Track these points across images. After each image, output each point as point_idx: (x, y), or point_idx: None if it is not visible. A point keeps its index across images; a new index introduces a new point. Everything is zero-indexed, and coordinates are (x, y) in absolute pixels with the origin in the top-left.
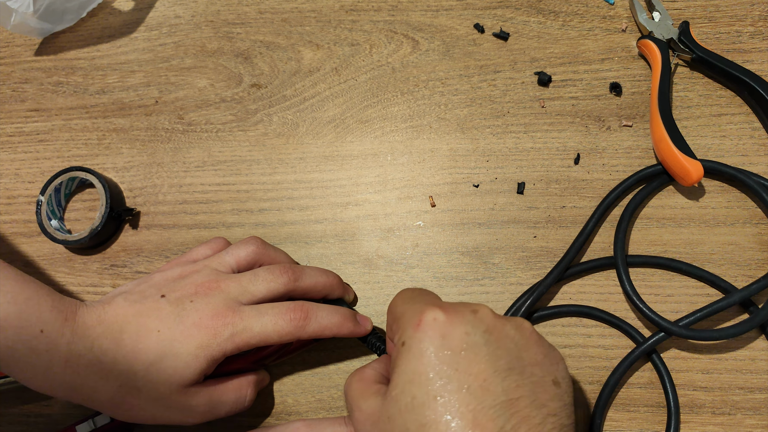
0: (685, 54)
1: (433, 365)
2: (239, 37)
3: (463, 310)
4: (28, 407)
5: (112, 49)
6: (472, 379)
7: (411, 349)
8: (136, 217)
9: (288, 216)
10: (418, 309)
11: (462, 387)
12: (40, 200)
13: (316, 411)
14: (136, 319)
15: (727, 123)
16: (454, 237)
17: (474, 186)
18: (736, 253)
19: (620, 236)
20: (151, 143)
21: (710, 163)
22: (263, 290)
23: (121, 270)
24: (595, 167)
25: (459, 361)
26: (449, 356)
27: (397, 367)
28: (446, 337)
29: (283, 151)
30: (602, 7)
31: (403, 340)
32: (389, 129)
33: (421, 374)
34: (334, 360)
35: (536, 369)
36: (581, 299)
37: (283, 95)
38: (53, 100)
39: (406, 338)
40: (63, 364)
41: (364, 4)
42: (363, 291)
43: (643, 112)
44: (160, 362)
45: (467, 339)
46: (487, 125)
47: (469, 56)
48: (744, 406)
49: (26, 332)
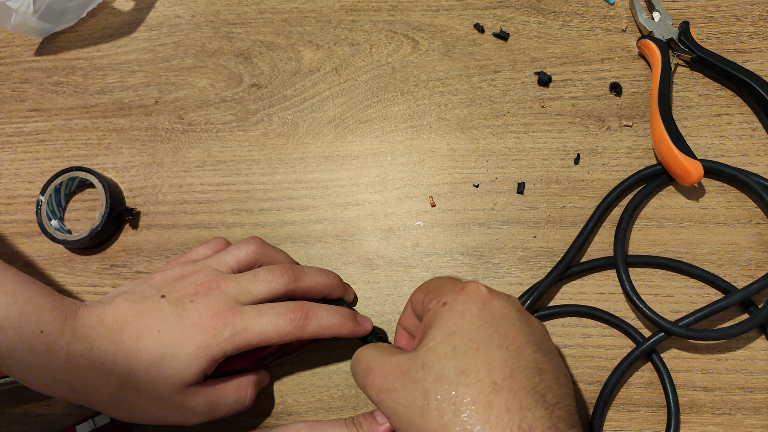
0: (685, 54)
1: (475, 322)
2: (239, 37)
3: (499, 291)
4: (28, 407)
5: (112, 49)
6: (509, 342)
7: (454, 307)
8: (136, 217)
9: (288, 216)
10: (458, 281)
11: (501, 346)
12: (40, 200)
13: (316, 411)
14: (136, 320)
15: (727, 123)
16: (454, 237)
17: (474, 186)
18: (736, 253)
19: (620, 236)
20: (151, 143)
21: (710, 163)
22: (263, 290)
23: (121, 270)
24: (595, 167)
25: (498, 324)
26: (490, 319)
27: (435, 323)
28: (487, 304)
29: (283, 151)
30: (602, 7)
31: (445, 301)
32: (389, 129)
33: (463, 328)
34: (334, 360)
35: (555, 357)
36: (581, 299)
37: (283, 95)
38: (53, 100)
39: (449, 299)
40: (63, 364)
41: (364, 4)
42: (363, 291)
43: (643, 112)
44: (160, 362)
45: (504, 311)
46: (487, 125)
47: (469, 56)
48: (744, 406)
49: (26, 332)
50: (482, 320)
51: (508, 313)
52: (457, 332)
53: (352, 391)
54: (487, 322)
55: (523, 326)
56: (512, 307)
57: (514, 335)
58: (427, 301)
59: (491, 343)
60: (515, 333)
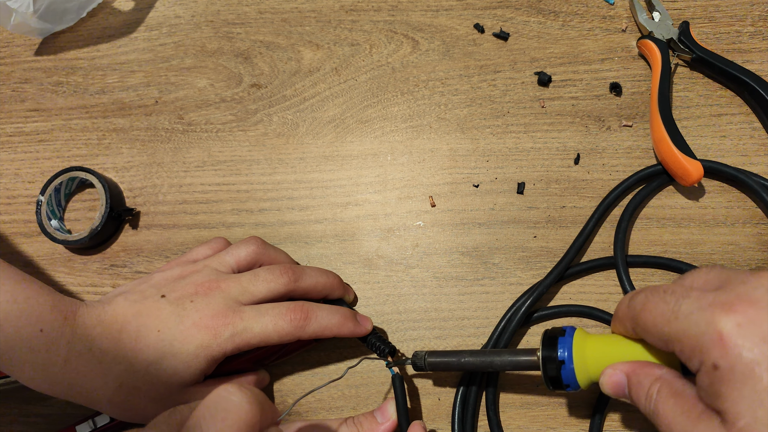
0: (685, 54)
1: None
2: (239, 37)
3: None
4: (28, 407)
5: (112, 49)
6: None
7: (736, 372)
8: (136, 217)
9: (288, 216)
10: (708, 317)
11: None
12: (40, 200)
13: (316, 411)
14: (136, 319)
15: (727, 123)
16: (454, 237)
17: (474, 186)
18: (736, 253)
19: (620, 236)
20: (151, 143)
21: (710, 163)
22: (263, 290)
23: (121, 270)
24: (595, 167)
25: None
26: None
27: (728, 396)
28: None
29: (283, 151)
30: (602, 7)
31: (714, 363)
32: (389, 129)
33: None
34: (334, 360)
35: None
36: (581, 299)
37: (283, 95)
38: (53, 100)
39: (717, 360)
40: (62, 363)
41: (364, 4)
42: (363, 291)
43: (643, 112)
44: (159, 362)
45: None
46: (487, 125)
47: (469, 56)
48: None
49: (26, 332)
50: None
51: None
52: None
53: (352, 391)
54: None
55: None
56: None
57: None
58: (664, 344)
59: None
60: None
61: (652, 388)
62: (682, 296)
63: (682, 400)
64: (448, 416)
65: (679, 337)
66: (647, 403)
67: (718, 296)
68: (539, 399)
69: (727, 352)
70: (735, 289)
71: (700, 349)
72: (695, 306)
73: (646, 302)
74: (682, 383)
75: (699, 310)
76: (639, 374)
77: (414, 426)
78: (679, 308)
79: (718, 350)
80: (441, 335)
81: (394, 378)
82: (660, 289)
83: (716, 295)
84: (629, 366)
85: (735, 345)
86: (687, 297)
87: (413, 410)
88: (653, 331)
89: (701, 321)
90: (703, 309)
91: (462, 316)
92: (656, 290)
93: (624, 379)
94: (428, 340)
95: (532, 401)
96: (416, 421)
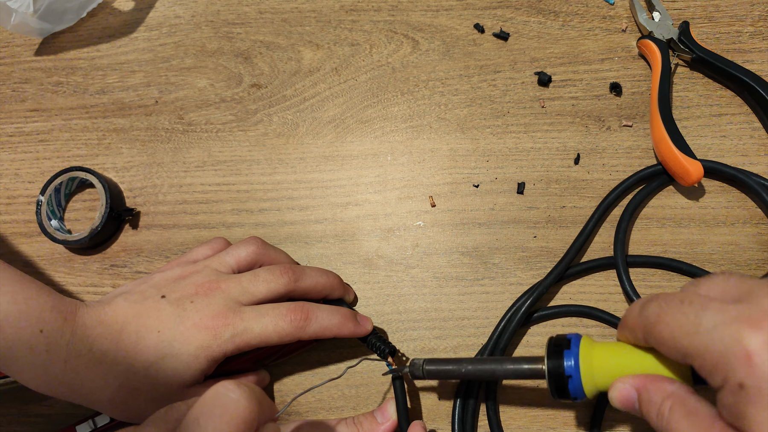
0: (685, 54)
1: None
2: (239, 37)
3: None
4: (28, 407)
5: (112, 49)
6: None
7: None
8: (136, 217)
9: (288, 216)
10: (733, 333)
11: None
12: (40, 200)
13: (315, 411)
14: (136, 320)
15: (727, 123)
16: (454, 237)
17: (474, 186)
18: (736, 253)
19: (620, 236)
20: (151, 143)
21: (710, 163)
22: (263, 291)
23: (121, 270)
24: (595, 167)
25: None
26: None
27: (751, 418)
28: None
29: (283, 151)
30: (602, 7)
31: (740, 382)
32: (389, 129)
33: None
34: (334, 360)
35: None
36: (581, 299)
37: (283, 95)
38: (53, 100)
39: (744, 379)
40: (62, 364)
41: (364, 4)
42: (363, 291)
43: (643, 112)
44: (160, 363)
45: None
46: (487, 125)
47: (469, 56)
48: None
49: (26, 332)
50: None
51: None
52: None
53: (352, 391)
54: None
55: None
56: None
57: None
58: (682, 357)
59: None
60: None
61: (664, 406)
62: (702, 308)
63: (697, 420)
64: (448, 416)
65: (701, 352)
66: (659, 420)
67: (742, 310)
68: (539, 399)
69: (755, 371)
70: (760, 304)
71: (724, 366)
72: (718, 320)
73: (661, 313)
74: (695, 400)
75: (723, 325)
76: (650, 390)
77: (414, 426)
78: (699, 321)
79: (744, 369)
80: (441, 335)
81: (394, 378)
82: (675, 299)
83: (740, 309)
84: (639, 380)
85: (764, 363)
86: (707, 309)
87: (413, 410)
88: (671, 344)
89: (726, 337)
90: (728, 324)
91: (462, 316)
92: (671, 300)
93: (634, 394)
94: (428, 340)
95: (532, 401)
96: (416, 421)
